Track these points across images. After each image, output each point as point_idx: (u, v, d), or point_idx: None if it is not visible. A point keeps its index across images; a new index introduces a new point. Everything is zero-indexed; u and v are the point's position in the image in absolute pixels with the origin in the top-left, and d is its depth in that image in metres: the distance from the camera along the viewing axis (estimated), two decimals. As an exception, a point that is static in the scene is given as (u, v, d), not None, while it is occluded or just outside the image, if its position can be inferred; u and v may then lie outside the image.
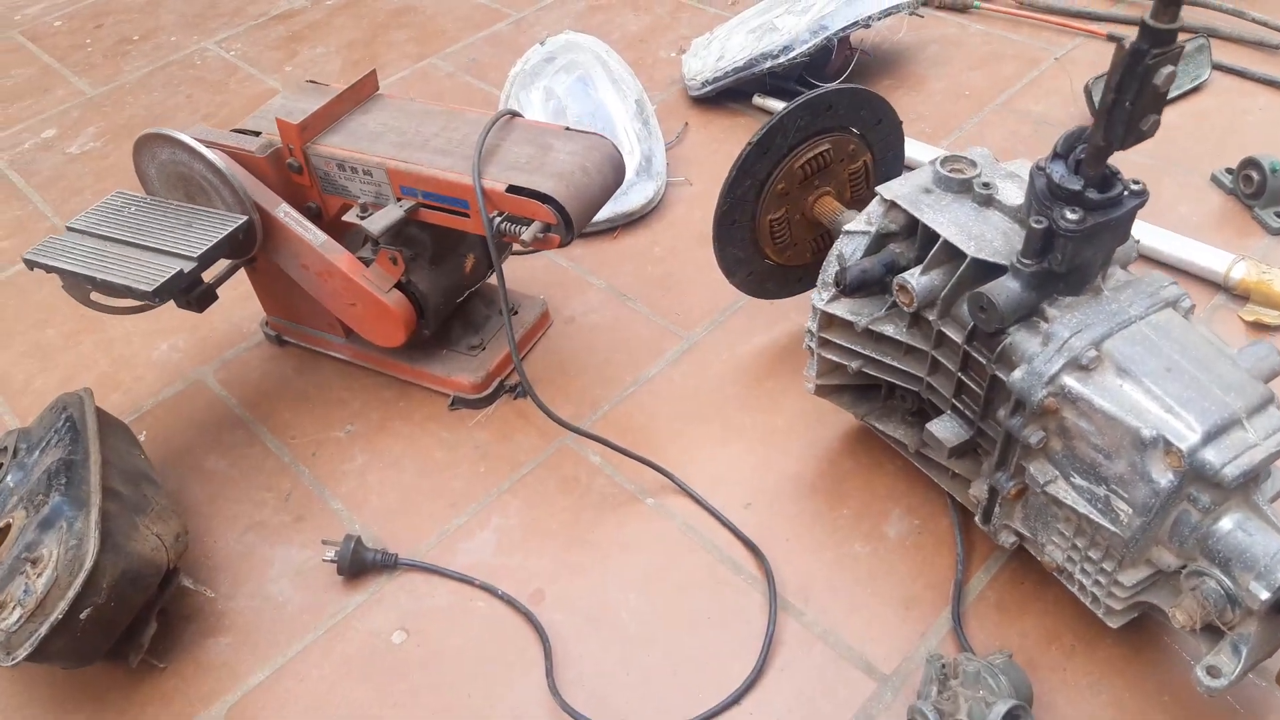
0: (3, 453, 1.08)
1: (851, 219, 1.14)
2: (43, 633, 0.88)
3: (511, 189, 1.06)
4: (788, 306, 1.33)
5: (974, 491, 0.98)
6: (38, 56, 2.16)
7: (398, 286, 1.19)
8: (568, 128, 1.14)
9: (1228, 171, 1.45)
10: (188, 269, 1.08)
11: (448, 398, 1.28)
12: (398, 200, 1.14)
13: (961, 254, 0.91)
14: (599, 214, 1.22)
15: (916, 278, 0.92)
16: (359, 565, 1.09)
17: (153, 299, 1.05)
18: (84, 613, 0.91)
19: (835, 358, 1.05)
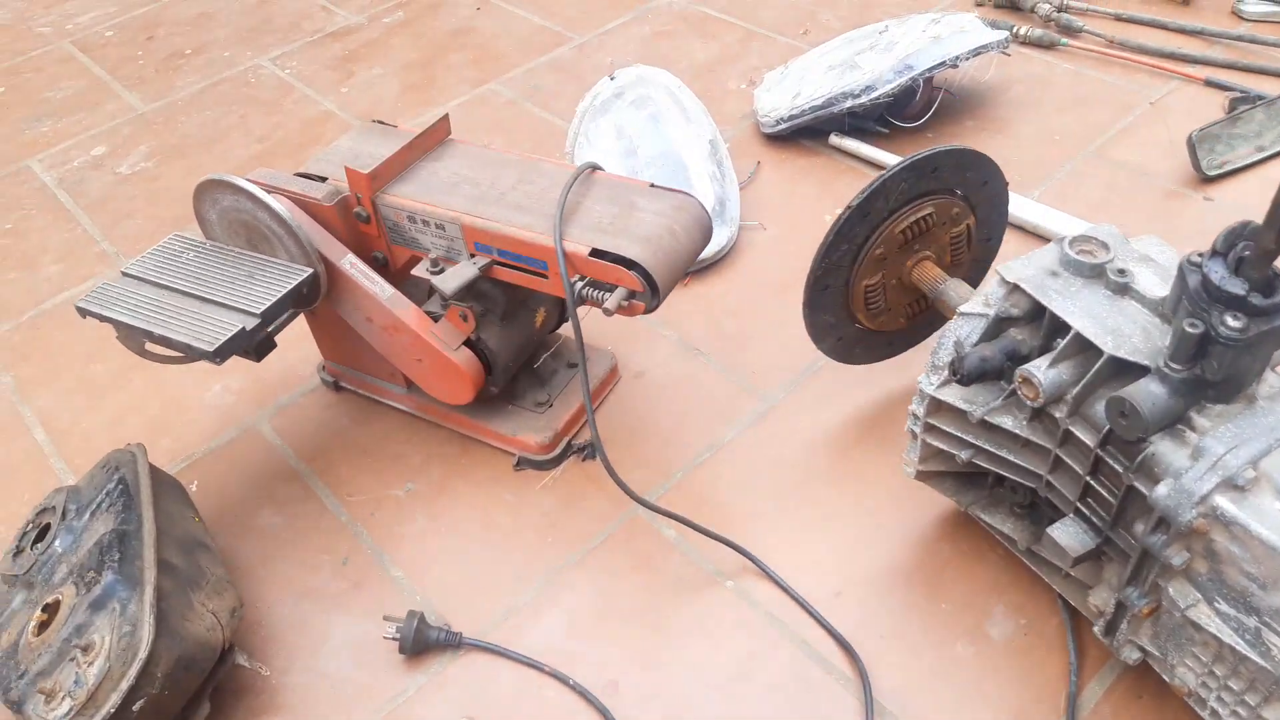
0: (50, 513, 1.03)
1: (955, 289, 1.07)
2: (93, 727, 0.83)
3: (595, 253, 1.00)
4: (874, 369, 1.25)
5: (1095, 601, 0.90)
6: (88, 68, 2.12)
7: (466, 343, 1.13)
8: (652, 184, 1.08)
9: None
10: (250, 326, 1.02)
11: (512, 456, 1.22)
12: (471, 256, 1.08)
13: (1095, 349, 0.83)
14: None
15: (1044, 371, 0.85)
16: (422, 644, 1.03)
17: (214, 359, 0.99)
18: (137, 704, 0.85)
19: (942, 445, 0.97)
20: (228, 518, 1.19)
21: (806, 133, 1.66)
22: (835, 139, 1.63)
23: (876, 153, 1.59)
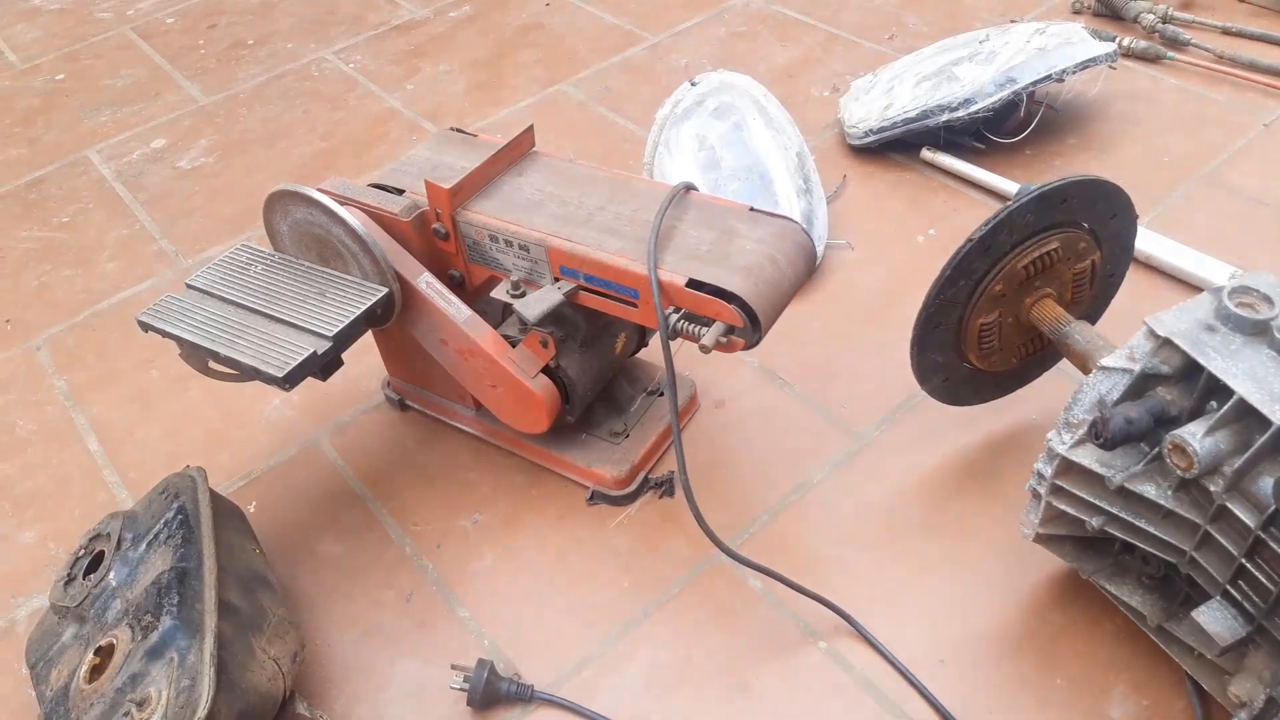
0: (104, 540, 0.97)
1: (1081, 333, 0.98)
2: (148, 788, 0.77)
3: (692, 283, 0.92)
4: (977, 409, 1.17)
5: (1237, 690, 0.81)
6: (149, 56, 2.07)
7: (544, 370, 1.06)
8: (752, 208, 1.00)
9: None
10: (322, 350, 0.95)
11: (585, 488, 1.15)
12: (555, 280, 1.00)
13: (1261, 417, 0.74)
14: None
15: (1200, 439, 0.76)
16: (491, 696, 0.96)
17: (283, 385, 0.93)
18: (194, 763, 0.79)
19: (1070, 509, 0.89)
20: (287, 543, 1.13)
21: (896, 146, 1.57)
22: (928, 153, 1.54)
23: (973, 170, 1.49)
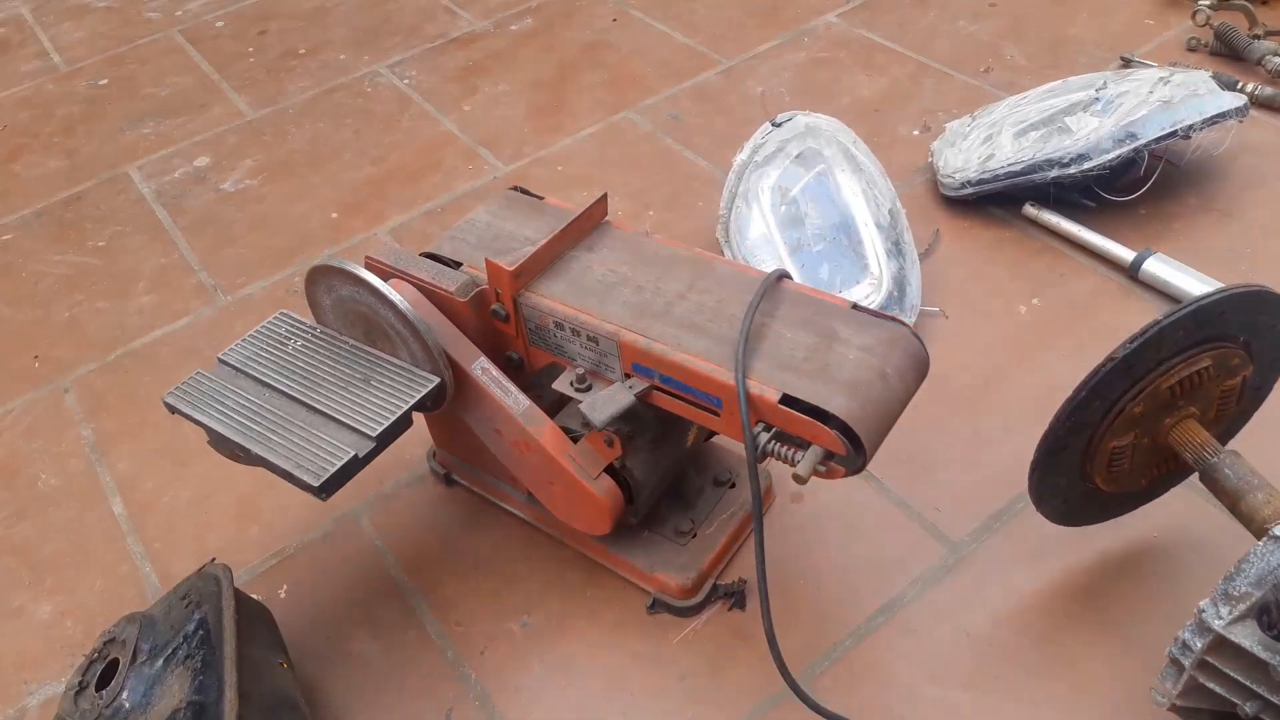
0: (119, 646, 0.88)
1: (1233, 467, 0.85)
2: None
3: (786, 400, 0.80)
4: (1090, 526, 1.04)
5: None
6: (196, 63, 1.98)
7: (608, 469, 0.95)
8: (854, 305, 0.87)
9: None
10: (364, 453, 0.85)
11: (646, 592, 1.03)
12: (626, 377, 0.89)
13: None
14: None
15: (1407, 647, 0.63)
16: (537, 847, 0.86)
17: (319, 494, 0.83)
18: None
19: (1218, 689, 0.76)
20: (317, 637, 1.03)
21: (995, 198, 1.43)
22: (1031, 210, 1.40)
23: (1081, 231, 1.35)
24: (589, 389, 0.90)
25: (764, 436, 0.81)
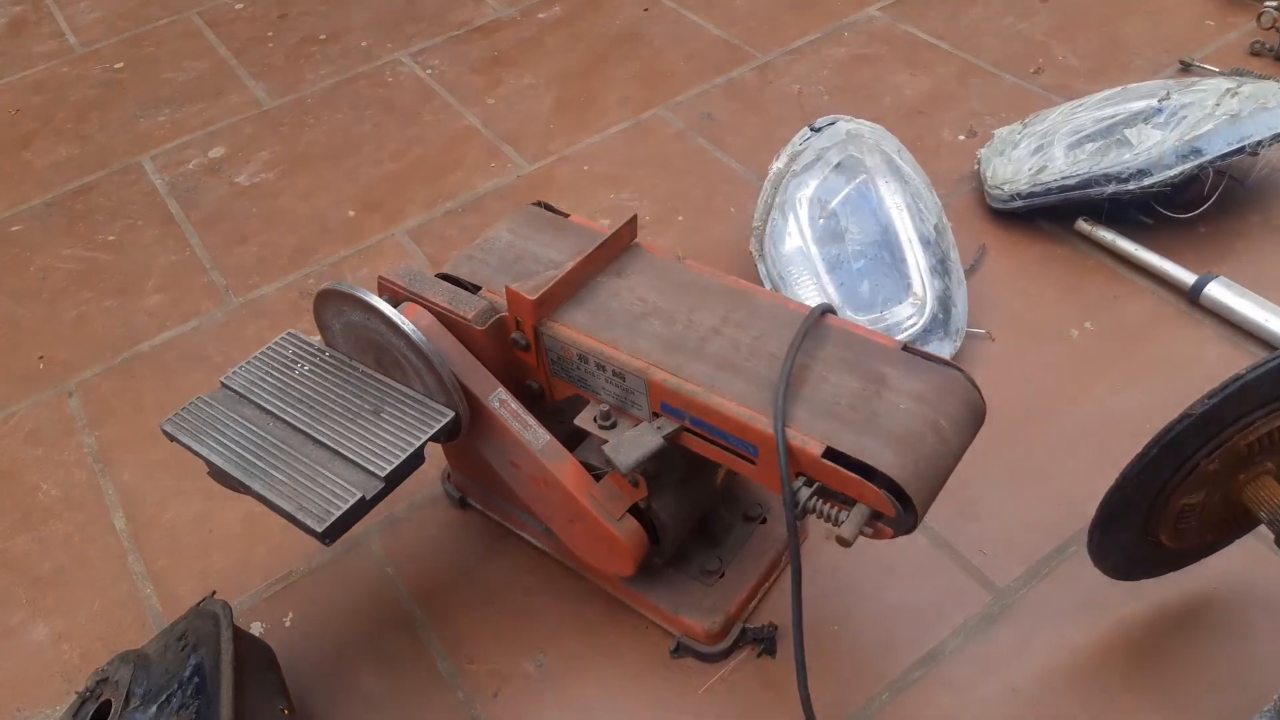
0: (111, 687, 0.83)
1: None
2: None
3: (830, 453, 0.73)
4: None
5: None
6: (214, 48, 1.92)
7: (632, 509, 0.89)
8: (905, 346, 0.80)
9: None
10: (371, 494, 0.79)
11: (669, 633, 0.98)
12: (654, 416, 0.83)
13: None
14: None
15: None
16: None
17: (323, 539, 0.77)
18: None
19: (1300, 786, 0.69)
20: (323, 672, 0.98)
21: (1046, 211, 1.35)
22: (1084, 225, 1.32)
23: (1138, 250, 1.28)
24: (614, 426, 0.84)
25: (804, 492, 0.75)
